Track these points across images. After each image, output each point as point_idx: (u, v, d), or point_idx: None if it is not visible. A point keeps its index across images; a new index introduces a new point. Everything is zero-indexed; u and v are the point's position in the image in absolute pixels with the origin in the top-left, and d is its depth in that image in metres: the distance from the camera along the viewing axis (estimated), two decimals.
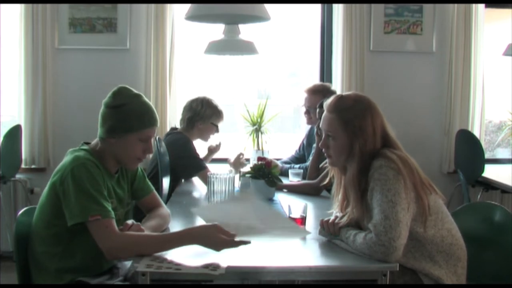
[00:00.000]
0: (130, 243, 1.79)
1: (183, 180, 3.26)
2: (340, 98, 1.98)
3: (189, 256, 1.74)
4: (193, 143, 3.32)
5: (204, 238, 1.76)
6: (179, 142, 3.20)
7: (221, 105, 3.40)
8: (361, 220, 1.89)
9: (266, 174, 2.72)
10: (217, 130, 3.38)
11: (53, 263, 1.91)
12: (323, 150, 2.00)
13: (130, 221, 1.91)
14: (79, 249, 1.91)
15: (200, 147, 3.47)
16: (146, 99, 2.03)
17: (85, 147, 1.99)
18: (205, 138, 3.40)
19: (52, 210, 1.89)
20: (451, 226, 1.91)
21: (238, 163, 3.41)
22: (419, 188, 1.82)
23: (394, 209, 1.74)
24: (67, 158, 1.93)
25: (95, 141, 2.02)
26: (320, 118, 3.00)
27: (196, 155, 3.20)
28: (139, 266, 1.66)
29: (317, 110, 3.07)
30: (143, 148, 1.99)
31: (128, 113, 1.94)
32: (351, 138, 1.90)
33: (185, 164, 3.16)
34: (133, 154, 1.98)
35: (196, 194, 3.02)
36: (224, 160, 3.55)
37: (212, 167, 3.18)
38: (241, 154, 3.44)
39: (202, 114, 3.30)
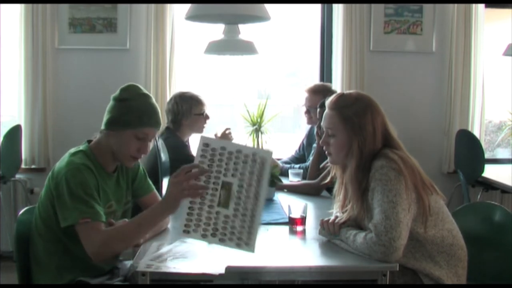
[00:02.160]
0: (109, 238, 1.79)
1: None
2: (342, 95, 1.99)
3: (189, 256, 1.74)
4: (186, 145, 3.30)
5: (170, 196, 1.76)
6: (172, 146, 3.19)
7: (197, 93, 3.33)
8: (362, 220, 1.89)
9: None
10: (206, 117, 3.33)
11: (54, 260, 1.92)
12: (324, 147, 2.00)
13: (121, 222, 1.92)
14: (78, 249, 1.91)
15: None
16: (153, 101, 2.02)
17: (84, 147, 2.00)
18: (197, 130, 3.34)
19: (50, 210, 1.90)
20: (452, 226, 1.91)
21: (225, 138, 3.33)
22: (420, 188, 1.82)
23: (394, 210, 1.74)
24: (63, 162, 1.93)
25: (97, 134, 2.03)
26: (321, 118, 3.02)
27: (190, 157, 3.19)
28: (139, 266, 1.66)
29: (318, 109, 3.07)
30: (138, 147, 1.98)
31: (129, 109, 1.95)
32: (350, 136, 1.90)
33: (179, 167, 3.14)
34: (127, 151, 1.98)
35: None
36: None
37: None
38: (227, 129, 3.36)
39: (181, 110, 3.24)
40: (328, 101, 2.01)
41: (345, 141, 1.91)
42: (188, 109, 3.25)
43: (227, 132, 3.37)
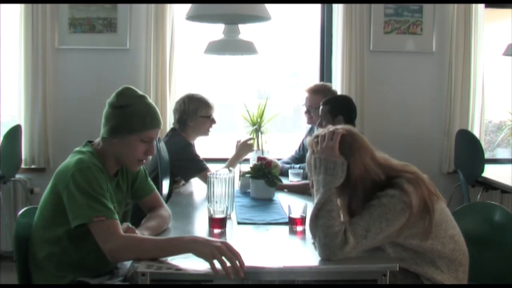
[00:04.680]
0: (132, 245, 1.77)
1: (183, 182, 3.25)
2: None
3: (189, 256, 1.74)
4: (192, 144, 3.30)
5: (206, 246, 1.67)
6: (178, 145, 3.18)
7: (207, 96, 3.32)
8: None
9: (266, 174, 2.72)
10: (213, 121, 3.32)
11: (53, 262, 1.92)
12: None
13: (124, 225, 1.91)
14: (79, 250, 1.91)
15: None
16: (151, 101, 2.02)
17: (89, 148, 1.99)
18: (203, 132, 3.33)
19: (54, 211, 1.89)
20: (454, 231, 1.90)
21: (245, 146, 3.33)
22: (429, 205, 1.80)
23: (378, 235, 1.74)
24: (71, 159, 1.92)
25: (97, 140, 2.02)
26: (322, 116, 3.03)
27: (196, 156, 3.19)
28: (139, 267, 1.66)
29: (321, 107, 3.07)
30: (145, 150, 1.98)
31: (131, 114, 1.94)
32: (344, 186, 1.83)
33: (185, 166, 3.14)
34: (134, 155, 1.98)
35: (196, 194, 3.02)
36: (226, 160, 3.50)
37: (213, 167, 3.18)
38: (251, 138, 3.37)
39: (187, 111, 3.23)
40: (308, 144, 1.92)
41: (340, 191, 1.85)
42: (195, 110, 3.24)
43: (249, 142, 3.36)
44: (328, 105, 3.04)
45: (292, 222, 2.13)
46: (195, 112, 3.24)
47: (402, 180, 1.80)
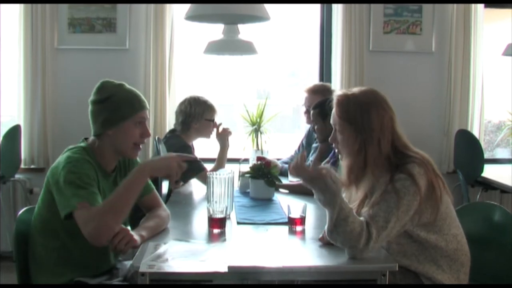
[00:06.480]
0: (98, 212, 1.76)
1: (182, 183, 3.25)
2: (346, 93, 1.97)
3: (189, 256, 1.74)
4: (190, 146, 3.30)
5: (163, 160, 1.96)
6: (176, 147, 3.18)
7: (210, 99, 3.35)
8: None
9: (265, 174, 2.71)
10: (215, 125, 3.34)
11: (52, 257, 1.93)
12: (333, 145, 1.99)
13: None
14: (76, 246, 1.91)
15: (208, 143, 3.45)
16: (129, 86, 2.07)
17: (83, 144, 2.02)
18: (205, 135, 3.36)
19: (49, 206, 1.91)
20: (458, 231, 1.91)
21: (222, 134, 3.36)
22: (438, 192, 1.81)
23: (396, 224, 1.75)
24: (62, 157, 1.95)
25: (91, 139, 2.05)
26: (314, 121, 3.02)
27: (194, 157, 3.19)
28: (141, 267, 1.65)
29: (311, 112, 3.05)
30: (140, 132, 2.02)
31: (118, 103, 1.98)
32: (355, 133, 1.88)
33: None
34: (131, 140, 2.01)
35: (195, 194, 3.02)
36: (230, 160, 3.50)
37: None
38: (220, 124, 3.38)
39: (193, 113, 3.26)
40: (334, 96, 1.98)
41: (351, 136, 1.89)
42: (201, 113, 3.26)
43: (220, 131, 3.37)
44: (318, 108, 3.02)
45: (291, 222, 2.12)
46: (201, 115, 3.26)
47: (413, 165, 1.82)
